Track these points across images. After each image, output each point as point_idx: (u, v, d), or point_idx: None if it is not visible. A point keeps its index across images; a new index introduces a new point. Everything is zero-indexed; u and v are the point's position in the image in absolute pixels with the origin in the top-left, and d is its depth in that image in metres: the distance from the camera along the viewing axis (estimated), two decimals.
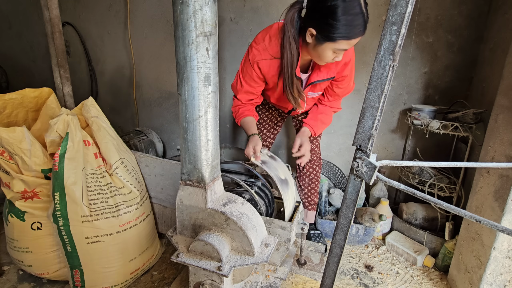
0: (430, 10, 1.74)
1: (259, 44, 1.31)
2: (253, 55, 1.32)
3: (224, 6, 2.12)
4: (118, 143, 1.42)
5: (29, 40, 2.92)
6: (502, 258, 1.27)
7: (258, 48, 1.31)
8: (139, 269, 1.44)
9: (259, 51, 1.31)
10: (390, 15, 0.57)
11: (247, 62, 1.36)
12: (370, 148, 0.66)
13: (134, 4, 2.37)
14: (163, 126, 2.65)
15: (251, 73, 1.36)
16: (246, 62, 1.36)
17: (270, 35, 1.29)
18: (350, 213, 0.73)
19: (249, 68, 1.35)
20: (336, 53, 1.16)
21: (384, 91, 0.61)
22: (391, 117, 1.99)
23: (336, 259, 0.80)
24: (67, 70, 1.69)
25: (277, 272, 1.34)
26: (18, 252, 1.37)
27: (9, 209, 1.34)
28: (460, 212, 0.55)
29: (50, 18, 1.56)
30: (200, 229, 1.02)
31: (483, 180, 1.33)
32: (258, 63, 1.32)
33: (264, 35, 1.31)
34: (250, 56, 1.33)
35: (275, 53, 1.29)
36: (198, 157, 0.94)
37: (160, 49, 2.42)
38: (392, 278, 1.58)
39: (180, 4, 0.79)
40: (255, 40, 1.33)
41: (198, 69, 0.84)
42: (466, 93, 1.80)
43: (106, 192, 1.31)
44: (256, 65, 1.33)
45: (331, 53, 1.16)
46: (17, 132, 1.25)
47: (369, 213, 1.76)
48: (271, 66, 1.33)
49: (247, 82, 1.40)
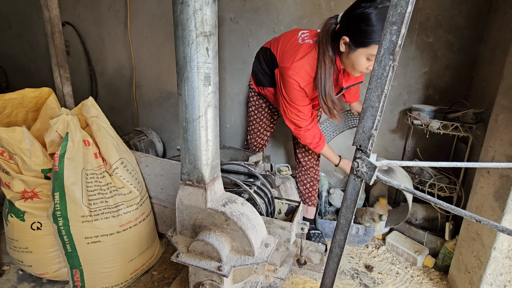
0: (430, 10, 1.74)
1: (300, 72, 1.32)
2: (297, 83, 1.34)
3: (224, 6, 2.12)
4: (118, 143, 1.42)
5: (29, 40, 2.92)
6: (502, 258, 1.27)
7: (301, 75, 1.32)
8: (139, 269, 1.44)
9: (302, 78, 1.33)
10: (390, 15, 0.57)
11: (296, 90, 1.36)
12: (370, 148, 0.66)
13: (134, 4, 2.37)
14: (163, 126, 2.65)
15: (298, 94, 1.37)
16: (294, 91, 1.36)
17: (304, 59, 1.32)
18: (350, 213, 0.73)
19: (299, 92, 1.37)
20: (369, 59, 1.19)
21: (384, 91, 0.61)
22: (391, 117, 1.99)
23: (336, 259, 0.80)
24: (67, 70, 1.69)
25: (277, 272, 1.34)
26: (18, 252, 1.37)
27: (9, 209, 1.34)
28: (460, 212, 0.55)
29: (50, 18, 1.56)
30: (200, 229, 1.02)
31: (483, 180, 1.33)
32: (304, 89, 1.35)
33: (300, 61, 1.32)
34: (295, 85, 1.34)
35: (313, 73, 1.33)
36: (198, 157, 0.94)
37: (160, 49, 2.42)
38: (392, 278, 1.58)
39: (180, 4, 0.79)
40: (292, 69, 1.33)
41: (198, 69, 0.84)
42: (466, 93, 1.80)
43: (106, 192, 1.31)
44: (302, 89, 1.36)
45: (365, 60, 1.20)
46: (17, 132, 1.25)
47: (369, 213, 1.76)
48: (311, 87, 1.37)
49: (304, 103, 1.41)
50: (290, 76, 1.34)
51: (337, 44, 1.25)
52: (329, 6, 1.92)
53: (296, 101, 1.40)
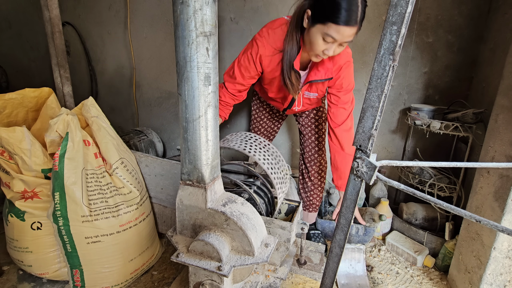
0: (430, 10, 1.74)
1: (263, 38, 1.30)
2: (256, 48, 1.31)
3: (224, 6, 2.12)
4: (118, 143, 1.42)
5: (29, 40, 2.92)
6: (502, 258, 1.27)
7: (262, 41, 1.30)
8: (139, 269, 1.44)
9: (263, 45, 1.30)
10: (390, 15, 0.57)
11: (247, 54, 1.34)
12: (370, 148, 0.66)
13: (134, 4, 2.37)
14: (163, 126, 2.65)
15: (248, 65, 1.35)
16: (246, 53, 1.35)
17: (274, 29, 1.29)
18: (350, 213, 0.73)
19: (249, 60, 1.34)
20: (325, 41, 1.13)
21: (384, 91, 0.61)
22: (391, 117, 1.99)
23: (336, 259, 0.80)
24: (67, 70, 1.69)
25: (277, 272, 1.34)
26: (18, 252, 1.37)
27: (9, 209, 1.34)
28: (460, 212, 0.55)
29: (50, 18, 1.56)
30: (200, 229, 1.02)
31: (483, 180, 1.33)
32: (260, 57, 1.32)
33: (268, 29, 1.30)
34: (252, 49, 1.32)
35: (278, 47, 1.29)
36: (198, 157, 0.94)
37: (160, 49, 2.42)
38: (392, 278, 1.58)
39: (180, 4, 0.79)
40: (260, 33, 1.31)
41: (198, 69, 0.84)
42: (466, 93, 1.80)
43: (106, 192, 1.31)
44: (258, 59, 1.32)
45: (321, 40, 1.13)
46: (17, 132, 1.25)
47: (369, 213, 1.76)
48: (272, 60, 1.32)
49: (241, 73, 1.38)
50: (255, 38, 1.31)
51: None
52: None
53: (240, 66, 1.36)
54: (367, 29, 1.87)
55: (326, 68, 1.35)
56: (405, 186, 0.63)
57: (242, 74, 1.38)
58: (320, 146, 1.70)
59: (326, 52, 1.17)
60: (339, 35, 1.10)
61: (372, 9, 1.84)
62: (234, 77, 1.39)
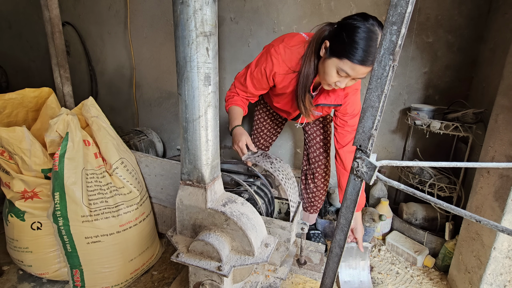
0: (430, 10, 1.74)
1: (279, 55, 1.28)
2: (271, 65, 1.29)
3: (224, 6, 2.12)
4: (118, 143, 1.42)
5: (29, 40, 2.92)
6: (502, 258, 1.27)
7: (278, 59, 1.28)
8: (139, 269, 1.44)
9: (278, 62, 1.28)
10: (390, 15, 0.57)
11: (261, 68, 1.32)
12: (370, 148, 0.66)
13: (134, 4, 2.37)
14: (163, 126, 2.65)
15: (261, 78, 1.34)
16: (260, 67, 1.33)
17: (291, 47, 1.28)
18: (350, 213, 0.73)
19: (262, 74, 1.33)
20: (339, 74, 1.14)
21: (384, 91, 0.61)
22: (391, 117, 1.99)
23: (336, 259, 0.80)
24: (67, 70, 1.69)
25: (277, 272, 1.34)
26: (18, 252, 1.37)
27: (9, 209, 1.34)
28: (460, 212, 0.55)
29: (50, 18, 1.56)
30: (200, 229, 1.02)
31: (483, 180, 1.33)
32: (274, 74, 1.31)
33: (285, 47, 1.28)
34: (267, 65, 1.30)
35: (293, 66, 1.28)
36: (198, 157, 0.94)
37: (160, 49, 2.42)
38: (392, 278, 1.58)
39: (180, 4, 0.79)
40: (276, 49, 1.28)
41: (198, 69, 0.84)
42: (466, 93, 1.80)
43: (106, 192, 1.31)
44: (271, 76, 1.32)
45: (335, 73, 1.14)
46: (17, 132, 1.25)
47: (369, 213, 1.76)
48: (285, 78, 1.32)
49: (253, 84, 1.38)
50: (271, 53, 1.29)
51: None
52: (329, 6, 1.92)
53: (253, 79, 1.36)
54: None
55: (336, 95, 1.35)
56: (405, 186, 0.63)
57: (254, 85, 1.38)
58: (325, 148, 1.68)
59: (338, 84, 1.18)
60: (354, 72, 1.11)
61: (372, 9, 1.84)
62: (246, 86, 1.39)
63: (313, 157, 1.71)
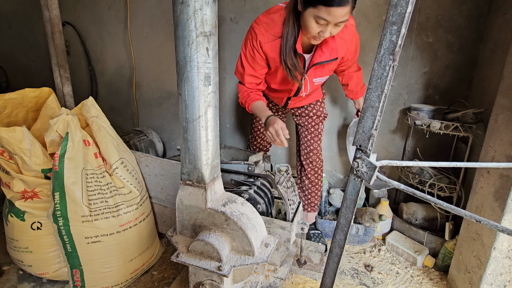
0: (430, 10, 1.74)
1: (260, 25, 1.28)
2: (255, 36, 1.29)
3: (224, 6, 2.12)
4: (118, 143, 1.42)
5: (29, 40, 2.92)
6: (502, 258, 1.27)
7: (260, 29, 1.28)
8: (139, 269, 1.44)
9: (261, 32, 1.28)
10: (390, 15, 0.57)
11: (249, 45, 1.33)
12: (370, 148, 0.66)
13: (134, 4, 2.37)
14: (163, 126, 2.65)
15: (254, 54, 1.33)
16: (248, 44, 1.33)
17: (271, 15, 1.27)
18: (350, 213, 0.73)
19: (252, 49, 1.33)
20: (319, 23, 1.13)
21: (384, 91, 0.61)
22: (391, 117, 1.99)
23: (336, 259, 0.80)
24: (67, 70, 1.69)
25: (277, 272, 1.34)
26: (18, 252, 1.37)
27: (9, 209, 1.34)
28: (460, 212, 0.55)
29: (50, 18, 1.56)
30: (200, 229, 1.02)
31: (483, 180, 1.33)
32: (260, 43, 1.30)
33: (265, 16, 1.29)
34: (252, 37, 1.30)
35: (277, 33, 1.27)
36: (198, 157, 0.94)
37: (160, 49, 2.42)
38: (392, 278, 1.58)
39: (180, 4, 0.79)
40: (257, 21, 1.30)
41: (198, 69, 0.84)
42: (466, 93, 1.80)
43: (106, 192, 1.31)
44: (259, 47, 1.31)
45: (314, 23, 1.13)
46: (17, 132, 1.25)
47: (369, 213, 1.76)
48: (272, 47, 1.31)
49: (251, 65, 1.37)
50: (252, 27, 1.30)
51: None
52: None
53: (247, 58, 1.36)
54: (367, 29, 1.87)
55: (330, 49, 1.33)
56: (405, 186, 0.63)
57: (252, 66, 1.37)
58: (315, 145, 1.71)
59: (321, 34, 1.16)
60: (331, 17, 1.09)
61: (372, 9, 1.84)
62: (245, 71, 1.38)
63: (304, 153, 1.73)
